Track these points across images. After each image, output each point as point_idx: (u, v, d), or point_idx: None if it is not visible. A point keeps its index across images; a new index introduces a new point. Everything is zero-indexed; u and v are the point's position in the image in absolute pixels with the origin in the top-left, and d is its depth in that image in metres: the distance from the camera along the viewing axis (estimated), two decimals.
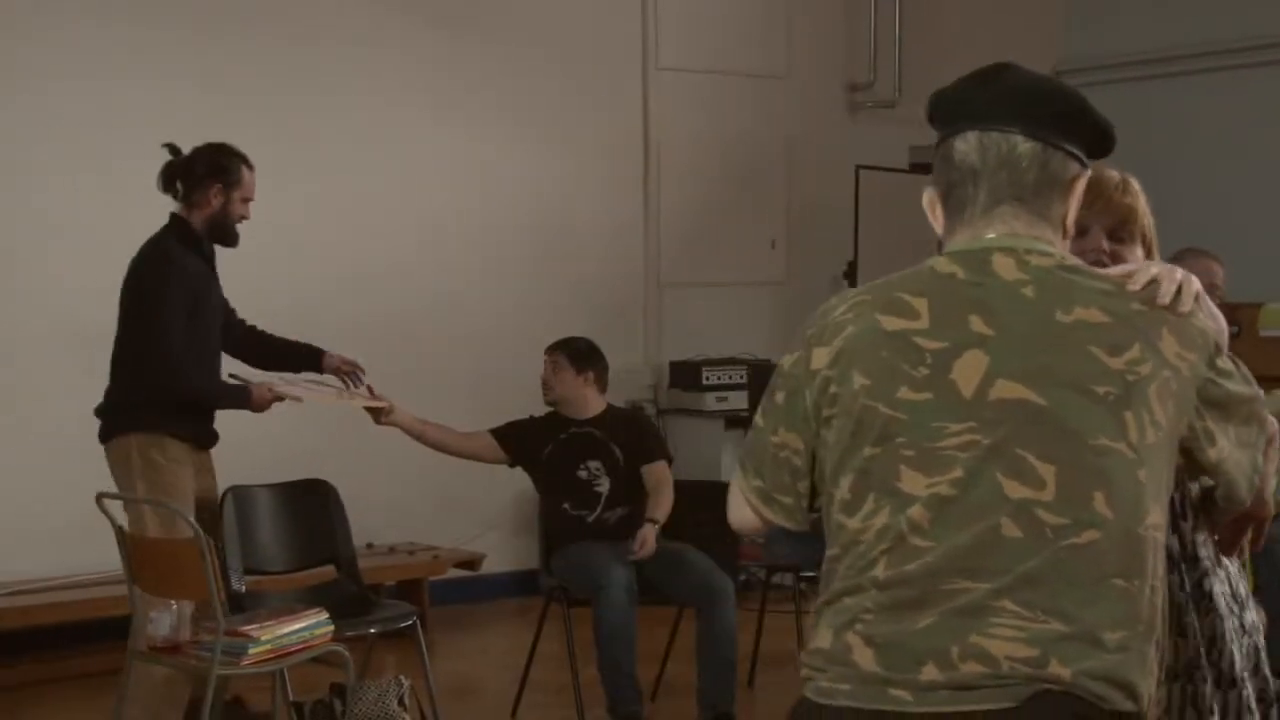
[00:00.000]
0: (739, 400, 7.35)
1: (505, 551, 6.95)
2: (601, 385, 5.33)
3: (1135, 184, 2.31)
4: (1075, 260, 1.85)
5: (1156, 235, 2.35)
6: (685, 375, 7.45)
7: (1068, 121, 1.84)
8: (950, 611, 1.68)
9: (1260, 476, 1.88)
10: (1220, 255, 5.30)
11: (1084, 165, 1.86)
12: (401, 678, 4.65)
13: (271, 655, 4.02)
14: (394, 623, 4.63)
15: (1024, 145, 1.82)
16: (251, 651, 3.96)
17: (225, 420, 4.68)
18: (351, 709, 4.38)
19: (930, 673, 1.67)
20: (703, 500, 6.58)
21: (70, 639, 5.54)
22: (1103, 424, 1.72)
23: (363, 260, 6.66)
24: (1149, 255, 2.22)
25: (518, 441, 5.24)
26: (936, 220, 1.90)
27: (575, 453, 5.20)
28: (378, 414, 4.98)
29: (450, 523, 6.77)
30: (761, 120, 7.84)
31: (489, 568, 6.74)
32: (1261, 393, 1.88)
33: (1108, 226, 2.26)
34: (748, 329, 7.74)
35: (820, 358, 1.81)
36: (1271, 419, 1.91)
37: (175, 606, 4.11)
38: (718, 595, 4.94)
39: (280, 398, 4.65)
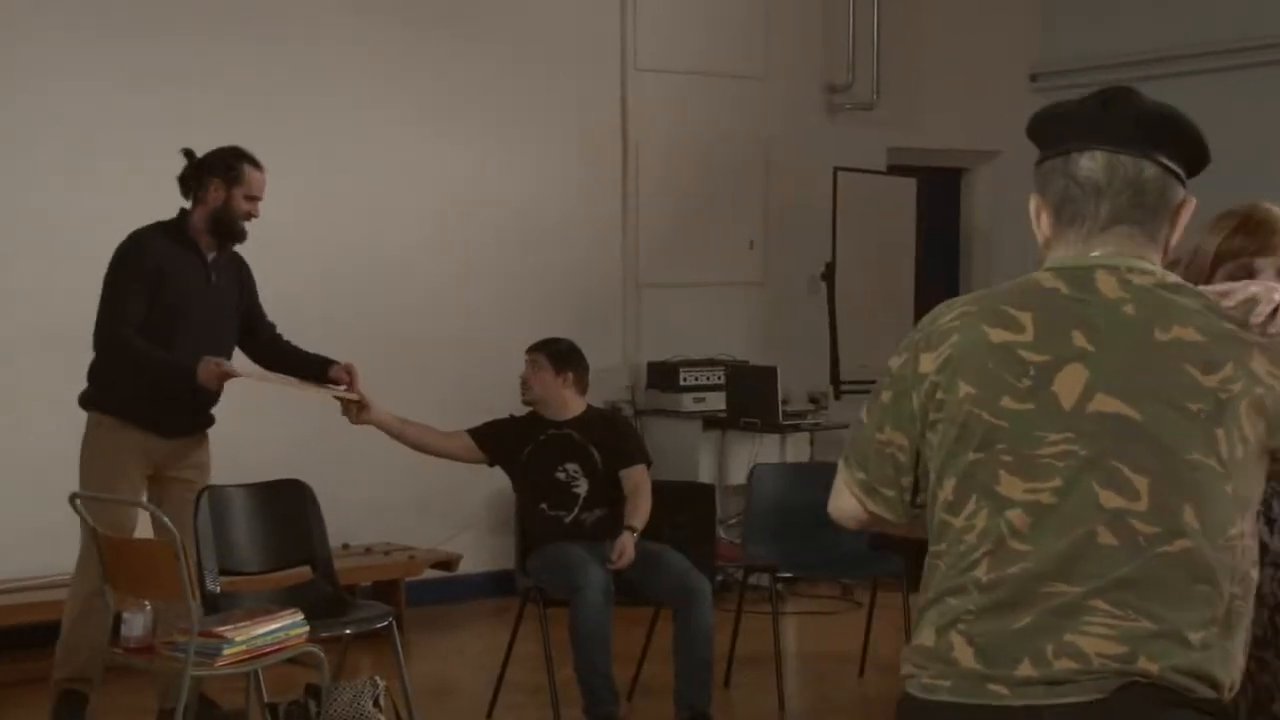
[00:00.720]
0: (717, 401, 7.35)
1: (481, 552, 6.93)
2: (581, 387, 5.32)
3: None
4: (1175, 278, 1.93)
5: None
6: (663, 376, 7.45)
7: (1183, 149, 1.95)
8: (1046, 612, 1.79)
9: None
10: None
11: (1186, 189, 1.97)
12: (377, 678, 4.64)
13: (246, 656, 4.01)
14: (369, 623, 4.62)
15: (1150, 170, 1.91)
16: (226, 652, 3.95)
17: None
18: (326, 710, 4.37)
19: (1026, 669, 1.78)
20: (680, 501, 6.58)
21: (46, 640, 5.51)
22: (1195, 440, 1.81)
23: (342, 259, 6.65)
24: None
25: (496, 441, 5.23)
26: (1040, 228, 1.98)
27: (554, 454, 5.19)
28: (352, 410, 4.97)
29: (427, 523, 6.76)
30: (740, 121, 7.84)
31: (465, 568, 6.72)
32: None
33: (1278, 266, 2.35)
34: (726, 329, 7.74)
35: (927, 363, 1.91)
36: None
37: (148, 607, 4.10)
38: (694, 595, 4.94)
39: (230, 374, 4.65)
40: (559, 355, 5.29)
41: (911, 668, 1.89)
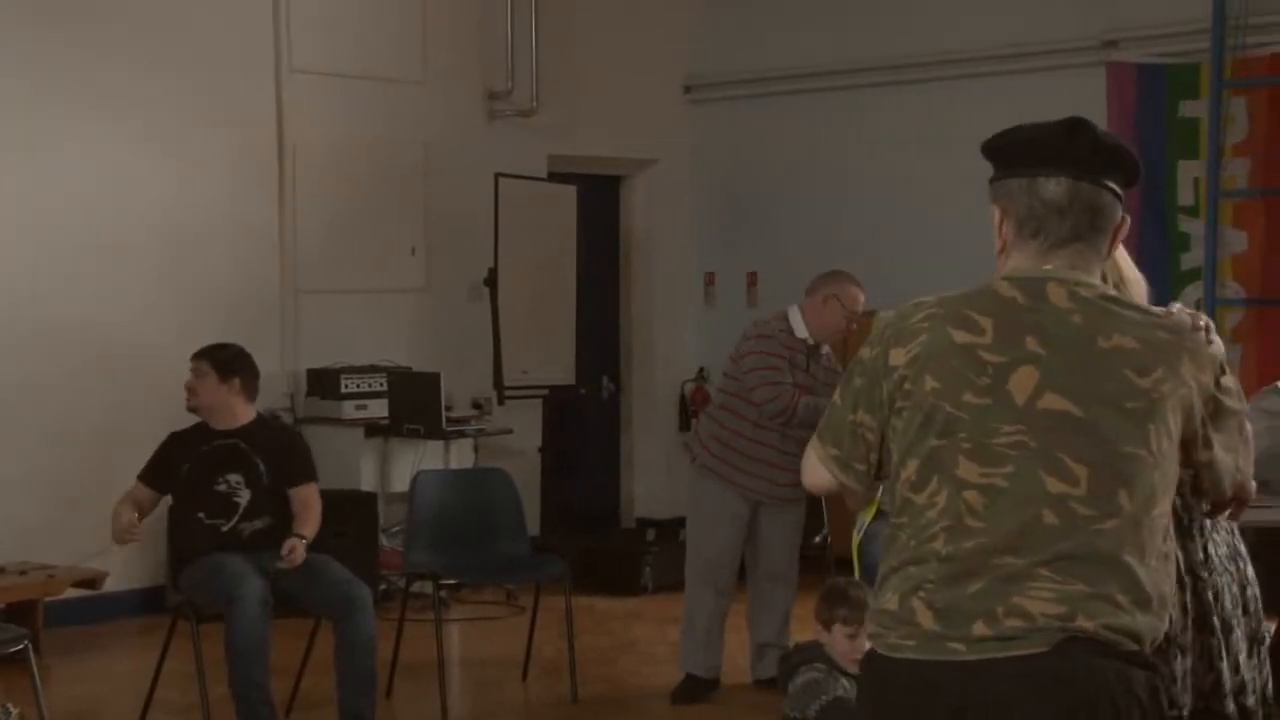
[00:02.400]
0: (379, 408, 7.26)
1: (130, 569, 6.62)
2: (250, 393, 5.18)
3: None
4: (1114, 292, 2.27)
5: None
6: (323, 383, 7.31)
7: (1124, 174, 2.24)
8: (996, 579, 2.07)
9: (1240, 473, 2.34)
10: (850, 275, 5.58)
11: (1125, 208, 2.26)
12: (9, 706, 4.41)
13: None
14: (3, 647, 4.38)
15: (1105, 196, 2.21)
16: None
17: None
18: None
19: (980, 628, 2.06)
20: (342, 510, 6.48)
21: None
22: (1130, 434, 2.11)
23: None
24: None
25: (158, 474, 5.09)
26: (1000, 235, 2.26)
27: (216, 465, 5.05)
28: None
29: (68, 539, 6.40)
30: (399, 126, 7.78)
31: (111, 586, 6.43)
32: (1247, 406, 2.35)
33: None
34: (388, 336, 7.66)
35: (897, 356, 2.18)
36: (1248, 426, 2.37)
37: None
38: (355, 604, 4.87)
39: None
40: (224, 362, 5.13)
41: (878, 629, 2.16)
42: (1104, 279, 2.35)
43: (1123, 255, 2.67)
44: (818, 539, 6.32)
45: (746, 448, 5.35)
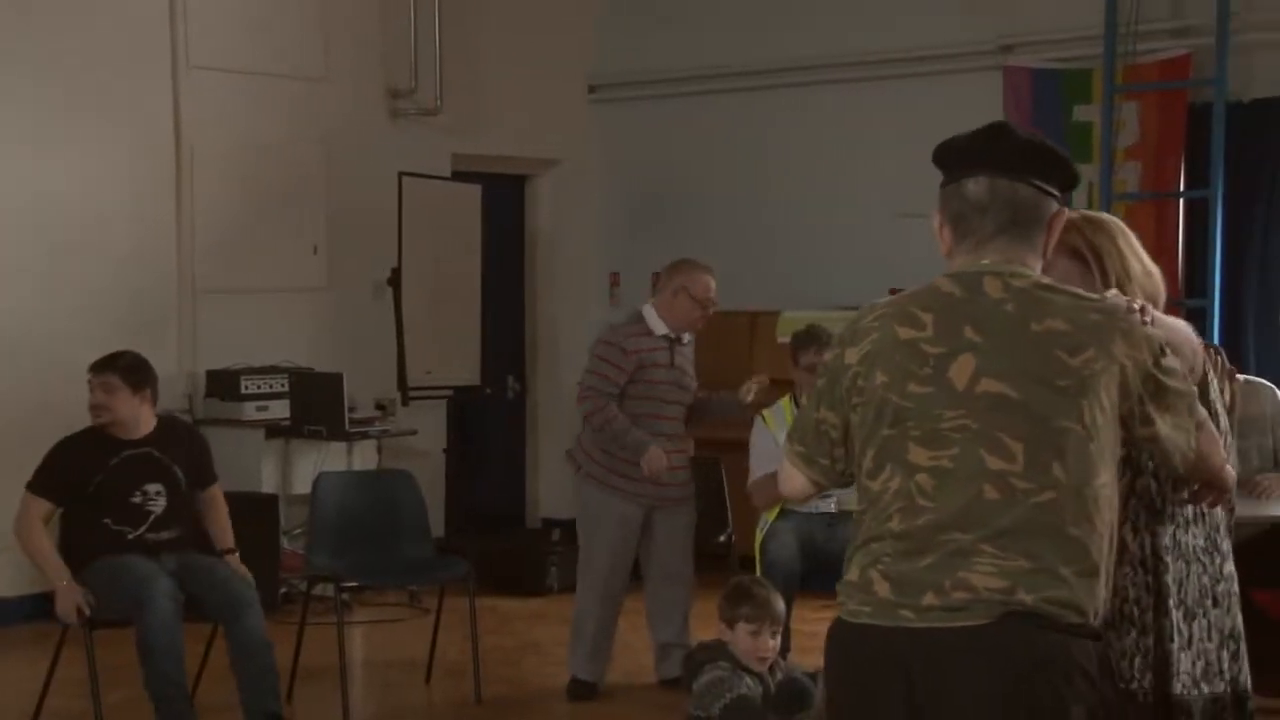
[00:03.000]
0: (280, 409, 7.19)
1: (19, 575, 6.45)
2: (155, 399, 5.11)
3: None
4: (1049, 280, 2.39)
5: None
6: (223, 384, 7.22)
7: (1053, 171, 2.40)
8: (945, 554, 2.23)
9: (1197, 456, 2.44)
10: (713, 267, 5.61)
11: (1061, 203, 2.42)
12: None
13: None
14: None
15: (1025, 191, 2.37)
16: None
17: None
18: None
19: (929, 599, 2.23)
20: (243, 513, 6.40)
21: None
22: (1063, 409, 2.26)
23: None
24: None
25: (58, 487, 4.93)
26: (943, 240, 2.43)
27: (133, 477, 4.95)
28: None
29: None
30: (300, 124, 7.71)
31: (1, 591, 6.31)
32: (1196, 390, 2.48)
33: None
34: (289, 336, 7.59)
35: (851, 356, 2.36)
36: (1201, 409, 2.46)
37: None
38: (242, 604, 4.84)
39: None
40: (133, 372, 5.01)
41: (841, 598, 2.34)
42: (1103, 272, 2.64)
43: (1134, 247, 2.80)
44: (722, 538, 6.37)
45: (630, 454, 5.37)
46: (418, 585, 6.76)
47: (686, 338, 5.51)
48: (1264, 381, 5.58)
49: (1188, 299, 7.13)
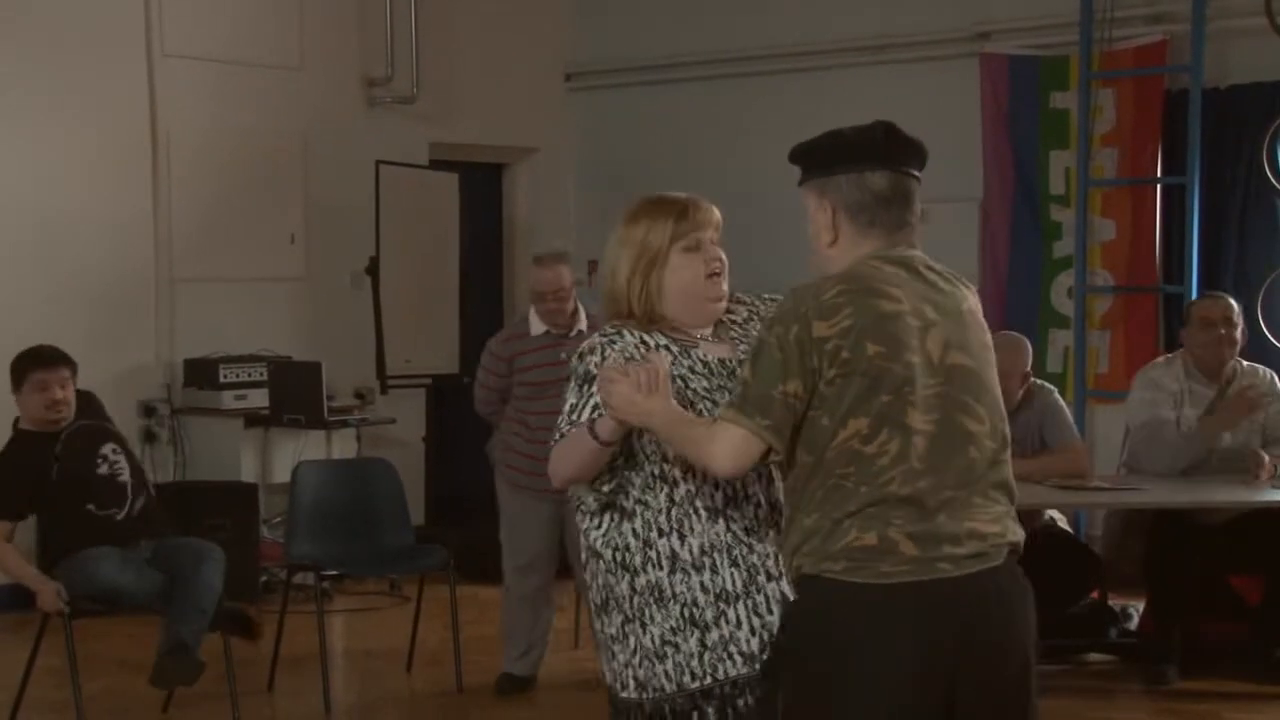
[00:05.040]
0: (259, 398, 7.20)
1: None
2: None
3: None
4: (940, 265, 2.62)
5: None
6: (201, 373, 7.23)
7: (923, 164, 2.61)
8: (951, 510, 2.45)
9: None
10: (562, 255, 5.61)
11: None
12: None
13: None
14: None
15: (914, 184, 2.59)
16: None
17: None
18: None
19: (950, 550, 2.43)
20: (222, 502, 6.42)
21: None
22: (993, 379, 2.57)
23: None
24: None
25: (16, 502, 4.91)
26: (831, 226, 2.58)
27: (87, 447, 4.95)
28: None
29: None
30: (277, 113, 7.71)
31: None
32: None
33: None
34: (268, 325, 7.60)
35: (822, 329, 2.44)
36: None
37: None
38: (202, 554, 4.85)
39: None
40: (69, 360, 5.02)
41: (855, 563, 2.42)
42: None
43: None
44: None
45: (542, 451, 5.32)
46: (398, 574, 6.77)
47: (576, 330, 5.31)
48: (1261, 366, 5.74)
49: (1165, 284, 7.21)
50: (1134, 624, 5.90)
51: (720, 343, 2.84)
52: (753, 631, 2.70)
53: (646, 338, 2.78)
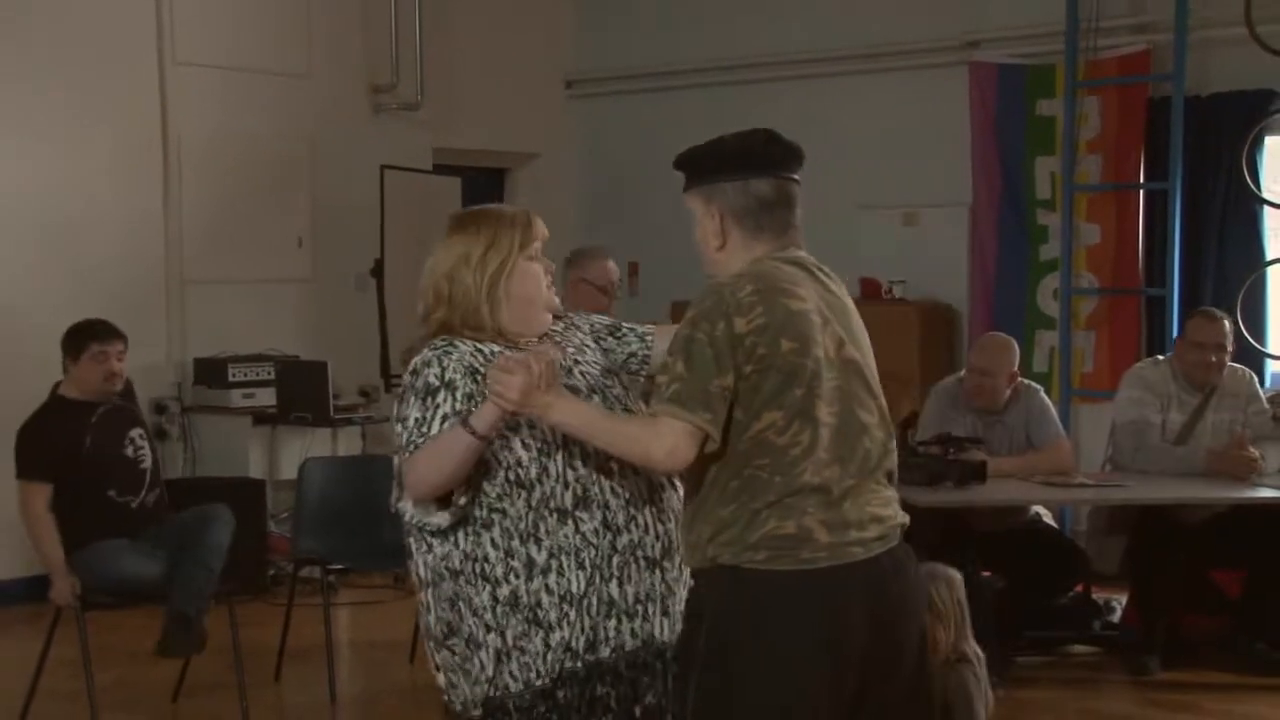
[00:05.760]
0: (267, 397, 7.31)
1: (14, 557, 6.58)
2: None
3: None
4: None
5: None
6: (210, 372, 7.34)
7: (800, 169, 2.69)
8: (853, 495, 2.55)
9: None
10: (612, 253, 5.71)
11: None
12: None
13: None
14: None
15: (796, 188, 2.67)
16: None
17: None
18: None
19: (858, 534, 2.55)
20: (231, 497, 6.52)
21: None
22: (875, 371, 2.66)
23: None
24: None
25: (53, 465, 4.91)
26: (719, 231, 2.65)
27: (117, 428, 4.98)
28: None
29: None
30: (285, 119, 7.81)
31: None
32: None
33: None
34: (275, 326, 7.70)
35: (741, 325, 2.50)
36: None
37: None
38: (209, 516, 4.92)
39: None
40: (124, 336, 5.09)
41: (777, 551, 2.50)
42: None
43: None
44: None
45: None
46: (401, 568, 6.81)
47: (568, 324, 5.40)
48: (1241, 367, 5.81)
49: (1148, 287, 7.29)
50: (1117, 617, 5.95)
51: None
52: (581, 628, 2.68)
53: (481, 347, 2.72)
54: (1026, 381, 5.78)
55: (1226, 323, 5.70)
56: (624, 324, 3.04)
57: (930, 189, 7.91)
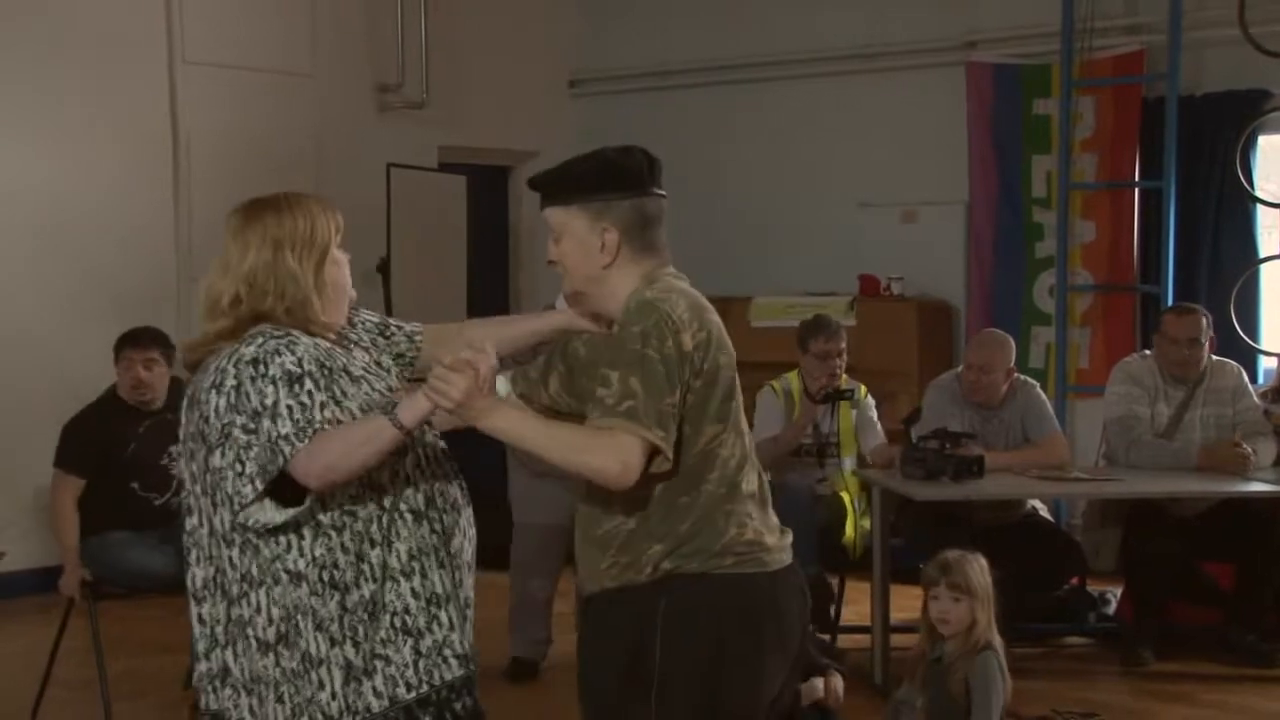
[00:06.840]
0: None
1: (29, 547, 6.63)
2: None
3: None
4: None
5: None
6: None
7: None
8: (765, 501, 2.66)
9: None
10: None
11: None
12: None
13: None
14: None
15: (665, 204, 2.70)
16: None
17: None
18: None
19: (783, 539, 2.67)
20: None
21: None
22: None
23: None
24: None
25: (89, 460, 4.93)
26: (610, 251, 2.61)
27: (161, 441, 4.95)
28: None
29: None
30: (291, 117, 7.86)
31: (10, 565, 6.45)
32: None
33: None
34: None
35: (687, 342, 2.52)
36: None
37: None
38: None
39: None
40: (169, 345, 5.04)
41: (736, 558, 2.58)
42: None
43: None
44: None
45: None
46: None
47: None
48: (1230, 361, 5.85)
49: (1143, 284, 7.35)
50: (1112, 609, 6.01)
51: (347, 347, 2.68)
52: (464, 632, 2.62)
53: (316, 340, 2.58)
54: (1023, 377, 5.84)
55: (1203, 317, 5.71)
56: (392, 323, 2.93)
57: (928, 187, 7.99)
